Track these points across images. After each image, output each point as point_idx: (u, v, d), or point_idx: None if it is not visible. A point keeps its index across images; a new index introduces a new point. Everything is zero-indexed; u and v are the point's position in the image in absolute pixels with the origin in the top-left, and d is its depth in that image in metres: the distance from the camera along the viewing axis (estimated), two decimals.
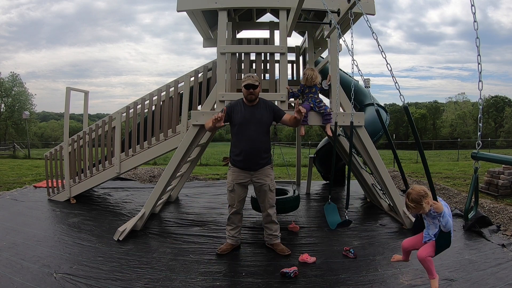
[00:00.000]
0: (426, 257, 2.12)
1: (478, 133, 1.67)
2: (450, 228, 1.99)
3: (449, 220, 1.97)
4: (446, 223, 1.97)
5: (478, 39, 1.62)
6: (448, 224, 1.97)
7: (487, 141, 23.54)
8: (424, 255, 2.13)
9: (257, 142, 2.92)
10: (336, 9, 3.05)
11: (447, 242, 2.08)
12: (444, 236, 2.04)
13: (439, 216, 1.97)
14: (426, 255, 2.12)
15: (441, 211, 1.95)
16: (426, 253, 2.13)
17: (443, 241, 2.07)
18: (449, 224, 1.98)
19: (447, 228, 1.98)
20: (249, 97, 2.93)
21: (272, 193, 3.06)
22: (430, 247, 2.12)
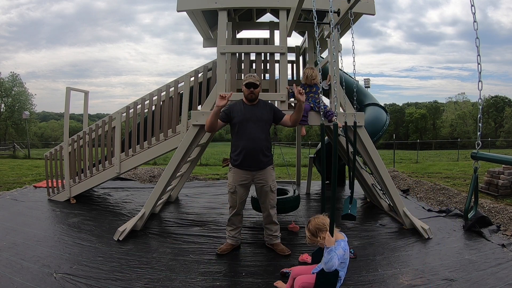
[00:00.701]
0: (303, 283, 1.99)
1: (478, 133, 1.67)
2: (330, 268, 1.84)
3: (333, 259, 1.82)
4: (327, 261, 1.83)
5: (478, 39, 1.63)
6: (329, 263, 1.82)
7: (487, 141, 23.56)
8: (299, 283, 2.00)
9: (258, 141, 2.91)
10: (336, 9, 3.05)
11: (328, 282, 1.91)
12: (324, 274, 1.89)
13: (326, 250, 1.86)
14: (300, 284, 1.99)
15: (328, 245, 1.84)
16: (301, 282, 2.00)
17: (322, 279, 1.91)
18: (331, 264, 1.82)
19: (327, 267, 1.84)
20: (250, 96, 2.93)
21: (273, 194, 3.05)
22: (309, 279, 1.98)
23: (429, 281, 2.50)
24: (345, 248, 1.93)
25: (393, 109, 49.15)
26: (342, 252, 1.88)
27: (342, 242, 1.94)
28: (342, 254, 1.88)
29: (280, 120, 3.05)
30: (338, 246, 1.89)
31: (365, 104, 6.27)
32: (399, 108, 51.65)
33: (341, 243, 1.93)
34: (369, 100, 6.41)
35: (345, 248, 1.93)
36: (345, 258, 1.93)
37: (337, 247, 1.88)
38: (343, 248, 1.91)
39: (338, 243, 1.91)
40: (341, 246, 1.90)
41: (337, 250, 1.87)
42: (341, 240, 1.95)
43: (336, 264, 1.83)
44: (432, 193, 5.75)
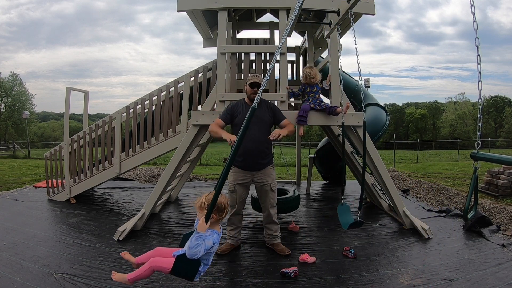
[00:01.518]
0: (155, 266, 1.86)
1: (478, 133, 1.67)
2: (193, 255, 1.73)
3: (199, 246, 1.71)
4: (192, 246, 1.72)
5: (478, 39, 1.62)
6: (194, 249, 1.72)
7: (487, 141, 23.55)
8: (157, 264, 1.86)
9: (259, 142, 2.92)
10: (336, 9, 3.05)
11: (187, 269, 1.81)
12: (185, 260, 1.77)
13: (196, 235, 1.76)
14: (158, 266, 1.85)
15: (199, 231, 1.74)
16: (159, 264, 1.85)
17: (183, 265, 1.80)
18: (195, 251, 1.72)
19: (190, 252, 1.73)
20: (252, 96, 2.94)
21: (273, 193, 3.05)
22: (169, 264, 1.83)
23: (429, 281, 2.50)
24: (216, 241, 1.82)
25: (393, 109, 49.16)
26: (211, 244, 1.78)
27: (215, 234, 1.83)
28: (211, 245, 1.78)
29: (278, 123, 3.06)
30: (210, 237, 1.78)
31: (365, 104, 6.27)
32: (399, 108, 51.66)
33: (214, 235, 1.82)
34: (369, 100, 6.42)
35: (216, 241, 1.82)
36: (211, 251, 1.84)
37: (208, 237, 1.77)
38: (214, 240, 1.80)
39: (212, 233, 1.81)
40: (213, 238, 1.80)
41: (207, 240, 1.76)
42: (216, 231, 1.84)
43: (200, 253, 1.73)
44: (432, 193, 5.75)
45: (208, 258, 1.87)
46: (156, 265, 1.87)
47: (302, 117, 3.30)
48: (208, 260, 1.88)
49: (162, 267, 1.85)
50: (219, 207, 1.84)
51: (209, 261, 1.89)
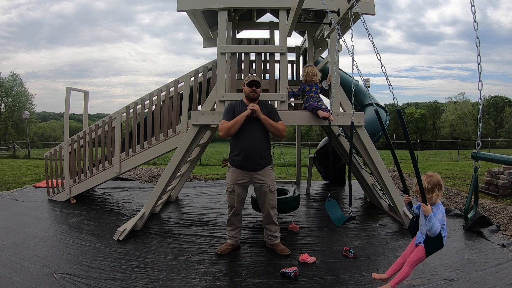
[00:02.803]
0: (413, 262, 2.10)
1: (478, 133, 1.67)
2: (435, 233, 1.96)
3: (434, 225, 1.94)
4: (430, 228, 1.95)
5: (478, 39, 1.62)
6: (432, 229, 1.94)
7: (487, 141, 23.55)
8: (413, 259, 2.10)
9: (257, 142, 2.91)
10: (336, 9, 3.05)
11: (436, 244, 2.03)
12: (431, 239, 2.00)
13: (426, 219, 1.96)
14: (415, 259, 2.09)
15: (427, 214, 1.94)
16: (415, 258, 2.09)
17: (432, 244, 2.03)
18: (434, 229, 1.94)
19: (431, 233, 1.96)
20: (252, 95, 2.94)
21: (273, 194, 3.04)
22: (421, 252, 2.08)
23: (429, 281, 2.50)
24: (443, 212, 2.04)
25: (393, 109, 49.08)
26: (442, 216, 1.99)
27: (440, 206, 2.03)
28: (442, 217, 1.99)
29: None
30: (438, 211, 1.99)
31: (365, 104, 6.27)
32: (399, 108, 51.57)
33: (439, 207, 2.03)
34: (369, 100, 6.41)
35: (443, 212, 2.04)
36: (444, 220, 2.04)
37: (437, 212, 1.98)
38: (441, 211, 2.01)
39: (437, 207, 2.02)
40: (440, 210, 2.01)
41: (437, 215, 1.97)
42: (439, 204, 2.04)
43: (438, 228, 1.95)
44: None
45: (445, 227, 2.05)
46: (414, 260, 2.10)
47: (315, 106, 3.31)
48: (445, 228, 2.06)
49: (419, 258, 2.09)
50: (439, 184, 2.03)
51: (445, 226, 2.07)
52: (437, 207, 2.03)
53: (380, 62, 2.07)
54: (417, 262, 2.11)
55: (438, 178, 2.06)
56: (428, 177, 2.07)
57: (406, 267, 2.11)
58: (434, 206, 2.03)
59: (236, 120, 2.88)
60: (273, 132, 2.97)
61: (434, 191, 2.02)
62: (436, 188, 2.02)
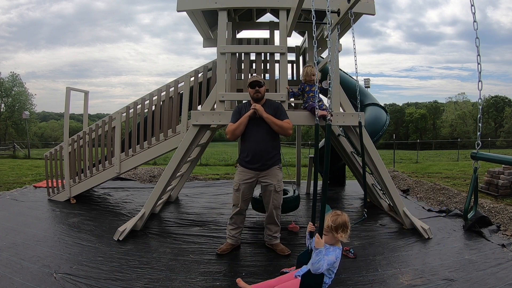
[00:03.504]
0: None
1: (478, 133, 1.67)
2: (316, 270, 1.79)
3: (320, 262, 1.77)
4: (315, 262, 1.78)
5: (478, 39, 1.63)
6: (316, 265, 1.77)
7: (487, 141, 23.56)
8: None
9: (264, 142, 2.93)
10: (336, 9, 3.05)
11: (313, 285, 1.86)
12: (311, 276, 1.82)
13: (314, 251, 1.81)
14: None
15: (317, 247, 1.80)
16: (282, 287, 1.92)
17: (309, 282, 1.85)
18: (317, 266, 1.77)
19: (313, 268, 1.79)
20: (255, 95, 2.94)
21: (278, 194, 3.03)
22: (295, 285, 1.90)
23: (429, 281, 2.50)
24: (338, 256, 1.88)
25: (393, 109, 49.16)
26: (334, 259, 1.83)
27: (337, 250, 1.88)
28: (333, 261, 1.83)
29: None
30: (332, 252, 1.85)
31: (365, 104, 6.27)
32: (399, 108, 51.66)
33: (336, 250, 1.88)
34: (369, 100, 6.42)
35: (338, 256, 1.88)
36: (334, 266, 1.88)
37: (330, 252, 1.84)
38: (337, 255, 1.85)
39: (334, 249, 1.88)
40: (335, 253, 1.86)
41: (329, 255, 1.82)
42: (337, 247, 1.89)
43: (323, 267, 1.78)
44: (432, 193, 5.75)
45: (332, 273, 1.91)
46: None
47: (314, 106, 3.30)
48: (332, 273, 1.92)
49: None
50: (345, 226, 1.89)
51: (333, 275, 1.93)
52: (335, 249, 1.88)
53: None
54: None
55: (345, 219, 1.91)
56: (334, 215, 1.93)
57: None
58: (332, 246, 1.89)
59: (240, 121, 2.91)
60: (278, 131, 2.96)
61: (338, 233, 1.86)
62: (340, 229, 1.86)
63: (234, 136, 2.97)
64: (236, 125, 2.92)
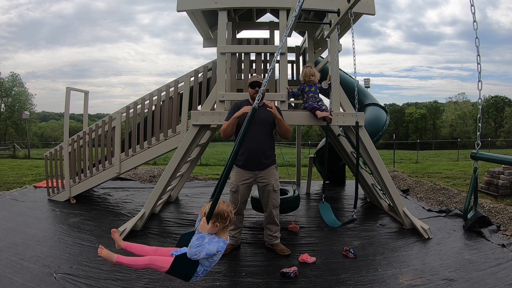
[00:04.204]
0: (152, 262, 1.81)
1: (478, 133, 1.67)
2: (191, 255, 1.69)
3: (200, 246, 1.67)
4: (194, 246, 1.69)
5: (478, 39, 1.63)
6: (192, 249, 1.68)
7: (487, 141, 23.56)
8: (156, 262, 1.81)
9: (261, 142, 2.92)
10: (336, 9, 3.05)
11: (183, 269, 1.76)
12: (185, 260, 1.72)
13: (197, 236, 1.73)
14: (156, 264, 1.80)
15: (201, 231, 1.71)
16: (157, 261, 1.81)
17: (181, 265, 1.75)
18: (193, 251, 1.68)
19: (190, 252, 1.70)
20: (255, 96, 2.93)
21: (276, 194, 3.04)
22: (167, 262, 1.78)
23: (429, 281, 2.50)
24: (221, 249, 1.76)
25: (393, 109, 49.16)
26: (215, 251, 1.71)
27: (221, 242, 1.77)
28: (214, 252, 1.71)
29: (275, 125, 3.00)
30: (216, 243, 1.72)
31: (365, 104, 6.27)
32: (399, 108, 51.65)
33: (220, 243, 1.75)
34: (369, 100, 6.42)
35: (221, 249, 1.76)
36: (214, 259, 1.81)
37: (213, 243, 1.72)
38: (219, 248, 1.73)
39: (218, 240, 1.75)
40: (219, 246, 1.73)
41: (211, 245, 1.70)
42: (222, 240, 1.78)
43: (201, 254, 1.68)
44: (432, 193, 5.75)
45: (208, 265, 1.81)
46: (155, 264, 1.81)
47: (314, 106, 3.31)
48: (208, 266, 1.81)
49: (160, 266, 1.80)
50: (221, 215, 1.77)
51: (208, 268, 1.83)
52: (219, 241, 1.75)
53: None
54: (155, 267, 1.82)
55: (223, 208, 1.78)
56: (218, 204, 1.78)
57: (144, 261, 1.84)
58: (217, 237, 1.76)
59: (229, 121, 2.89)
60: (283, 132, 2.97)
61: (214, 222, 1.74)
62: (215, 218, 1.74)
63: (226, 135, 2.95)
64: (225, 125, 2.91)
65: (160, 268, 1.80)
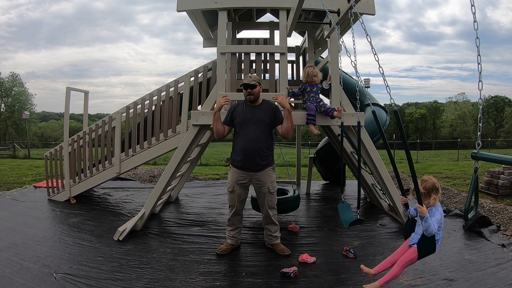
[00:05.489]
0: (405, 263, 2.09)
1: (478, 133, 1.66)
2: (431, 233, 1.94)
3: (431, 225, 1.92)
4: (427, 228, 1.93)
5: (478, 39, 1.62)
6: (429, 229, 1.92)
7: (487, 141, 23.54)
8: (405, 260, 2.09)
9: (257, 142, 2.89)
10: (336, 9, 3.05)
11: (429, 247, 2.01)
12: (426, 240, 1.99)
13: (422, 220, 1.95)
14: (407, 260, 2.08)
15: (423, 215, 1.92)
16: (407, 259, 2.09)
17: (425, 246, 2.02)
18: (430, 230, 1.92)
19: (427, 233, 1.94)
20: (248, 97, 2.93)
21: (272, 195, 3.02)
22: (413, 253, 2.07)
23: (429, 281, 2.50)
24: (441, 212, 2.04)
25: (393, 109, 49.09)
26: (440, 217, 2.00)
27: (438, 207, 2.03)
28: (440, 218, 2.00)
29: (276, 125, 2.99)
30: (436, 212, 2.00)
31: (365, 104, 6.26)
32: (399, 108, 51.50)
33: (439, 208, 2.03)
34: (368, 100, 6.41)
35: (441, 212, 2.04)
36: (441, 222, 2.03)
37: (435, 213, 1.99)
38: (440, 212, 2.02)
39: (436, 207, 2.03)
40: (438, 211, 2.01)
41: (435, 216, 1.98)
42: (437, 205, 2.04)
43: (435, 228, 1.94)
44: None
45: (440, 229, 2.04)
46: (405, 261, 2.09)
47: (311, 116, 3.31)
48: (440, 230, 2.04)
49: (411, 259, 2.08)
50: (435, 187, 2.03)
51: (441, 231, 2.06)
52: (436, 208, 2.03)
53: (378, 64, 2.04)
54: (409, 263, 2.11)
55: (433, 181, 2.06)
56: (423, 182, 2.07)
57: (397, 267, 2.11)
58: (433, 207, 2.03)
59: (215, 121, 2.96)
60: (286, 130, 2.95)
61: (431, 196, 2.02)
62: (432, 192, 2.03)
63: (217, 135, 3.02)
64: (214, 123, 2.98)
65: (411, 261, 2.10)
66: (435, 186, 2.04)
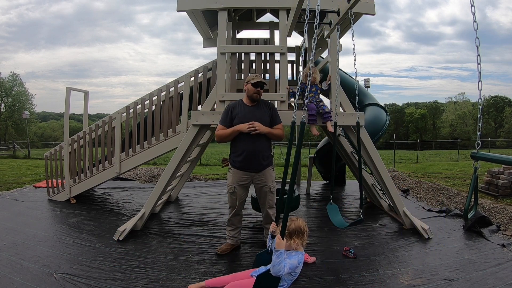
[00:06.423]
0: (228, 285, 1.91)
1: (478, 133, 1.66)
2: (277, 273, 1.75)
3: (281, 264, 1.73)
4: (276, 264, 1.74)
5: (478, 39, 1.62)
6: (277, 267, 1.74)
7: (487, 141, 23.55)
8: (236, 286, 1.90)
9: (258, 143, 2.88)
10: (336, 9, 3.05)
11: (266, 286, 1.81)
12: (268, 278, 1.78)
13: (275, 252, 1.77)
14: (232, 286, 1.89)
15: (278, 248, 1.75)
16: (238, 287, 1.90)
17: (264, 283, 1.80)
18: (277, 269, 1.73)
19: (274, 271, 1.75)
20: (255, 96, 2.90)
21: (272, 195, 3.04)
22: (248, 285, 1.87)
23: (429, 281, 2.50)
24: (301, 261, 1.86)
25: (393, 109, 49.17)
26: (296, 264, 1.82)
27: (300, 254, 1.87)
28: (295, 265, 1.82)
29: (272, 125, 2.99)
30: (295, 256, 1.83)
31: (365, 104, 6.27)
32: (399, 108, 51.65)
33: (299, 255, 1.87)
34: (369, 100, 6.42)
35: (301, 261, 1.86)
36: (296, 272, 1.86)
37: (293, 257, 1.83)
38: (299, 260, 1.84)
39: (297, 253, 1.86)
40: (298, 258, 1.85)
41: (291, 259, 1.81)
42: (300, 252, 1.88)
43: (284, 270, 1.75)
44: (432, 193, 5.75)
45: (291, 279, 1.87)
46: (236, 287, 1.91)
47: (313, 116, 3.30)
48: (291, 280, 1.87)
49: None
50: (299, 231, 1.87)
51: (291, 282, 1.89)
52: (297, 253, 1.87)
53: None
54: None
55: (298, 225, 1.89)
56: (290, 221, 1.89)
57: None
58: (294, 251, 1.87)
59: (232, 130, 2.87)
60: (273, 139, 3.00)
61: (292, 238, 1.85)
62: (294, 235, 1.85)
63: (223, 142, 2.98)
64: (228, 133, 2.88)
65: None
66: (300, 229, 1.87)
